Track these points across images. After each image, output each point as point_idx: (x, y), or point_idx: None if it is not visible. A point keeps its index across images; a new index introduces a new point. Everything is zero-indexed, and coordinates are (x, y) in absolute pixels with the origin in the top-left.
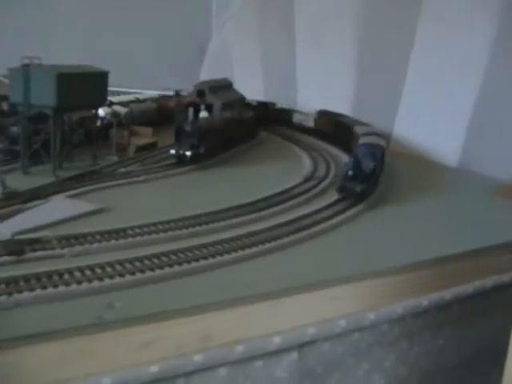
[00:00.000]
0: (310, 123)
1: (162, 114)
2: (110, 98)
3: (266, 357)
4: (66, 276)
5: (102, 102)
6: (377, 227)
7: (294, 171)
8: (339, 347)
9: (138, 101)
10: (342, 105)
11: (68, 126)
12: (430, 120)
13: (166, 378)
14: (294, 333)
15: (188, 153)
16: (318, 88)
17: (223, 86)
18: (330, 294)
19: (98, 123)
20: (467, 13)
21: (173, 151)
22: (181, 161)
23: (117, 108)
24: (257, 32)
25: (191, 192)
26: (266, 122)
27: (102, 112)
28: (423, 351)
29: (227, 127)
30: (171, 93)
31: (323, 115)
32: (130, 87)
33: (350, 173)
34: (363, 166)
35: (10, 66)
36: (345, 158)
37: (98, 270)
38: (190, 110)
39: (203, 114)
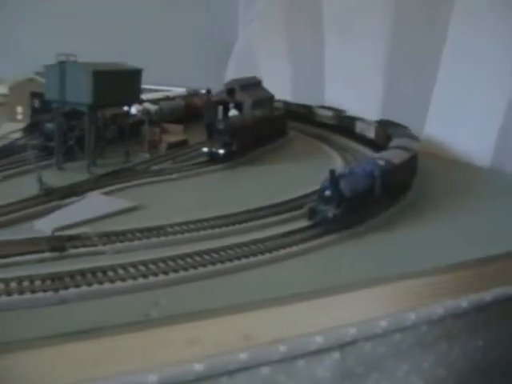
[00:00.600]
0: (371, 134)
1: (190, 112)
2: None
3: (308, 356)
4: (110, 273)
5: (136, 99)
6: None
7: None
8: (380, 348)
9: (167, 98)
10: (370, 103)
11: (102, 122)
12: (461, 119)
13: (210, 376)
14: (335, 333)
15: (221, 151)
16: (347, 86)
17: (253, 85)
18: (370, 294)
19: (130, 120)
20: (500, 9)
21: (205, 149)
22: (213, 159)
23: (147, 105)
24: (284, 29)
25: (224, 190)
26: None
27: (133, 109)
28: (462, 352)
29: (258, 125)
30: (200, 90)
31: (384, 125)
32: (157, 84)
33: (328, 193)
34: (343, 187)
35: (40, 63)
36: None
37: (142, 268)
38: (220, 108)
39: (233, 112)
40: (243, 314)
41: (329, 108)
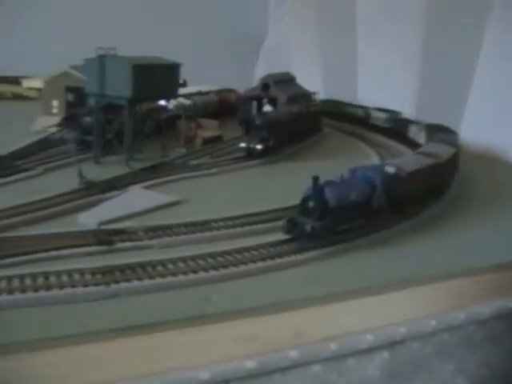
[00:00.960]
0: (422, 139)
1: (223, 107)
2: None
3: (358, 355)
4: (160, 268)
5: (174, 93)
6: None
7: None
8: (427, 347)
9: (200, 93)
10: (404, 102)
11: (139, 116)
12: (499, 119)
13: (263, 373)
14: (385, 331)
15: (258, 146)
16: (380, 84)
17: (287, 80)
18: (419, 293)
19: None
20: None
21: (243, 144)
22: (250, 154)
23: (181, 100)
24: (316, 26)
25: (264, 186)
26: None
27: (167, 103)
28: (507, 354)
29: (294, 121)
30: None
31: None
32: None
33: (311, 204)
34: (328, 196)
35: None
36: None
37: (191, 263)
38: (254, 104)
39: (267, 107)
40: (295, 312)
41: (383, 110)
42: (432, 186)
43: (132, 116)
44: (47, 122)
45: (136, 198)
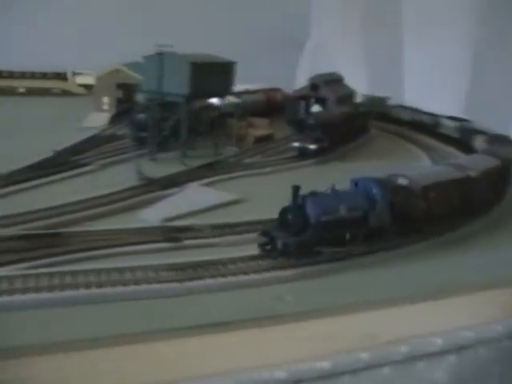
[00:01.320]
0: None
1: (270, 106)
2: None
3: (427, 358)
4: (231, 266)
5: (228, 91)
6: None
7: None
8: (491, 353)
9: (248, 92)
10: (453, 106)
11: (194, 114)
12: None
13: (334, 374)
14: (454, 335)
15: (312, 146)
16: (427, 87)
17: (335, 81)
18: (485, 298)
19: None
20: None
21: (296, 144)
22: (303, 154)
23: (230, 98)
24: (361, 27)
25: (318, 185)
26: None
27: (218, 102)
28: None
29: (346, 121)
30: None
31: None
32: None
33: (290, 217)
34: (310, 210)
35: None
36: None
37: (261, 262)
38: (302, 103)
39: (315, 107)
40: (368, 313)
41: (453, 118)
42: (463, 203)
43: (188, 113)
44: (98, 118)
45: (196, 196)
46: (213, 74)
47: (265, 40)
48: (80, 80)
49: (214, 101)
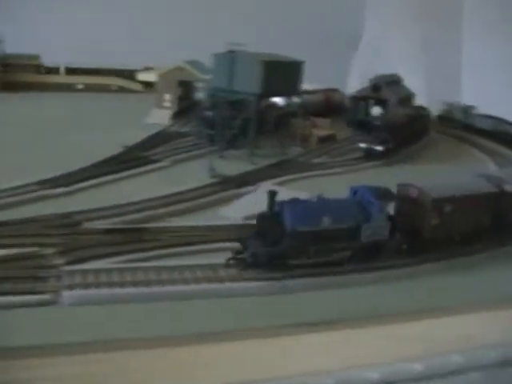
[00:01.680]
0: None
1: (328, 106)
2: None
3: None
4: None
5: (296, 90)
6: None
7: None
8: None
9: (308, 92)
10: None
11: (261, 113)
12: None
13: (427, 377)
14: None
15: (379, 147)
16: (490, 84)
17: (395, 82)
18: None
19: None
20: None
21: (362, 145)
22: (369, 155)
23: (294, 98)
24: (417, 24)
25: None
26: None
27: (281, 101)
28: None
29: (409, 123)
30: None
31: None
32: None
33: (264, 226)
34: (287, 218)
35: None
36: None
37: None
38: (363, 105)
39: (376, 109)
40: (464, 316)
41: None
42: (493, 220)
43: (257, 112)
44: (160, 115)
45: None
46: (283, 73)
47: (317, 39)
48: (141, 77)
49: (278, 100)
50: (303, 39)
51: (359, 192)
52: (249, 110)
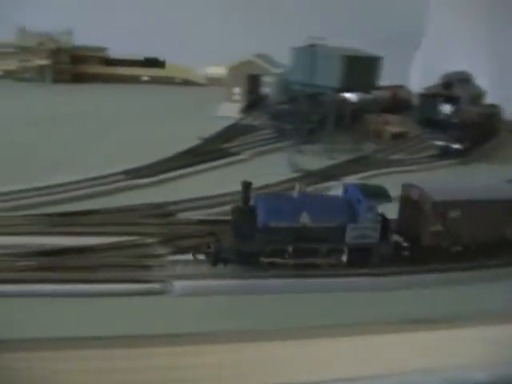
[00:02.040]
0: None
1: (395, 103)
2: None
3: None
4: None
5: (374, 85)
6: None
7: None
8: None
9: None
10: None
11: (338, 108)
12: None
13: None
14: None
15: (457, 146)
16: None
17: (465, 79)
18: None
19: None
20: None
21: (440, 143)
22: (446, 153)
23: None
24: (484, 20)
25: None
26: None
27: (354, 97)
28: None
29: (483, 122)
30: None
31: None
32: None
33: (235, 220)
34: (261, 214)
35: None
36: None
37: None
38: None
39: (446, 106)
40: None
41: None
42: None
43: (336, 107)
44: (230, 108)
45: None
46: (362, 68)
47: (379, 37)
48: (209, 70)
49: (351, 96)
50: (366, 36)
51: (349, 190)
52: (327, 104)
